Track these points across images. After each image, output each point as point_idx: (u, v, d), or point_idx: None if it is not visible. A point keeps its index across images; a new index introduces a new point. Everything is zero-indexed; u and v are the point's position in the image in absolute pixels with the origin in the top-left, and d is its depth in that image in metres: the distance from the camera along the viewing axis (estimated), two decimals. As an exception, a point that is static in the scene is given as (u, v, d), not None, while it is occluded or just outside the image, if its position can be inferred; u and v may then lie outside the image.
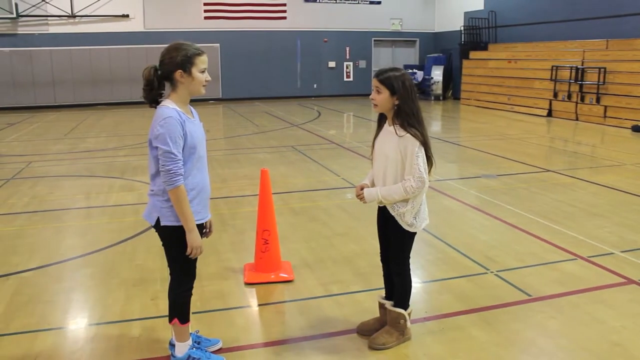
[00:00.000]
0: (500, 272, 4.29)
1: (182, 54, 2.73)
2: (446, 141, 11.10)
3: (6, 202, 6.65)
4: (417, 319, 3.56)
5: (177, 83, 2.76)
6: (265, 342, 3.30)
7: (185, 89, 2.77)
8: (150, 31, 19.17)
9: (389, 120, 3.10)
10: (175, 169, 2.65)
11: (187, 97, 2.81)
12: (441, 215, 5.95)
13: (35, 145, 11.17)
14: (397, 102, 2.96)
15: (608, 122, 13.09)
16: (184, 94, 2.79)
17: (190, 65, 2.74)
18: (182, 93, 2.78)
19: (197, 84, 2.78)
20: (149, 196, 2.87)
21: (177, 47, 2.77)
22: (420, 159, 2.94)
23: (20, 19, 17.90)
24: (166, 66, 2.74)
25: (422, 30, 22.40)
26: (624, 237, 5.04)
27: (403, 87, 2.94)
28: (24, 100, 18.36)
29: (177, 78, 2.74)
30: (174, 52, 2.75)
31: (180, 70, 2.72)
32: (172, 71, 2.73)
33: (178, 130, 2.66)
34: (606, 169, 8.16)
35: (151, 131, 2.71)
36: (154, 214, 2.82)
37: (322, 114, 16.12)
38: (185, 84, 2.76)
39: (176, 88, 2.77)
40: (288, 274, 4.26)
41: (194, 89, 2.79)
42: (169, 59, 2.74)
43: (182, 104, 2.80)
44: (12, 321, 3.58)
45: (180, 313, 2.98)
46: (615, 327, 3.38)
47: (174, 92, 2.78)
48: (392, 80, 2.94)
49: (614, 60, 13.37)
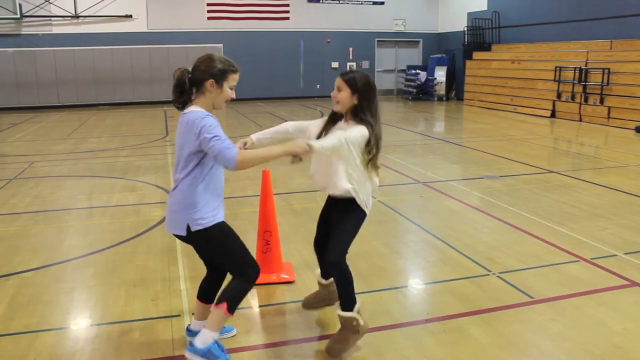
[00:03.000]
0: (502, 273, 4.27)
1: (220, 66, 2.80)
2: (449, 142, 11.08)
3: (8, 202, 6.66)
4: (419, 320, 3.55)
5: (205, 91, 2.81)
6: (266, 343, 3.30)
7: (211, 99, 2.83)
8: (153, 32, 19.21)
9: (345, 117, 3.19)
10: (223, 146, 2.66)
11: (210, 107, 2.86)
12: (443, 216, 5.94)
13: (38, 145, 11.19)
14: (356, 101, 3.07)
15: (611, 123, 13.05)
16: (208, 103, 2.84)
17: (223, 79, 2.81)
18: (207, 102, 2.83)
19: (223, 98, 2.85)
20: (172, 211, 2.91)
21: (214, 59, 2.83)
22: (358, 131, 2.98)
23: (24, 20, 17.95)
24: (200, 73, 2.79)
25: (425, 31, 22.37)
26: (627, 239, 5.02)
27: (363, 86, 3.08)
28: (27, 100, 18.41)
29: (207, 86, 2.79)
30: (213, 62, 2.80)
31: (212, 80, 2.78)
32: (204, 79, 2.78)
33: (218, 124, 2.74)
34: (609, 170, 8.13)
35: (186, 136, 2.74)
36: (181, 224, 2.85)
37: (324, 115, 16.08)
38: (213, 94, 2.82)
39: (203, 96, 2.82)
40: (289, 275, 4.25)
41: (219, 102, 2.85)
42: (205, 66, 2.79)
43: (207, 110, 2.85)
44: (13, 321, 3.57)
45: (233, 300, 2.91)
46: (618, 330, 3.36)
47: (199, 99, 2.83)
48: (355, 80, 3.08)
49: (617, 61, 13.33)
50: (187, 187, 2.84)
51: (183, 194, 2.84)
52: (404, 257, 4.81)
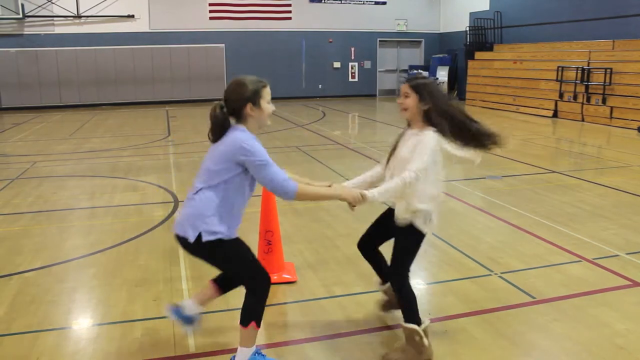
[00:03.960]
0: (504, 274, 4.26)
1: (250, 89, 2.77)
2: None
3: (10, 202, 6.67)
4: (420, 320, 3.54)
5: (246, 117, 2.79)
6: (267, 344, 3.29)
7: (255, 121, 2.82)
8: (155, 31, 19.22)
9: (412, 124, 3.20)
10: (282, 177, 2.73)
11: (255, 130, 2.84)
12: (445, 216, 5.92)
13: (40, 145, 11.20)
14: (424, 107, 3.07)
15: (614, 123, 13.02)
16: (253, 127, 2.83)
17: (258, 97, 2.79)
18: (251, 127, 2.82)
19: (265, 115, 2.84)
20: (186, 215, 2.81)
21: (243, 83, 2.80)
22: (422, 153, 3.05)
23: (26, 20, 17.97)
24: (234, 102, 2.78)
25: (427, 31, 22.35)
26: (630, 239, 5.01)
27: (431, 91, 3.07)
28: (29, 100, 18.43)
29: (247, 112, 2.78)
30: (241, 87, 2.78)
31: (250, 104, 2.77)
32: (241, 107, 2.77)
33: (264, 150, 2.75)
34: (612, 170, 8.11)
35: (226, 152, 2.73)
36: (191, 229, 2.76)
37: (327, 115, 16.11)
38: (254, 116, 2.80)
39: (245, 122, 2.81)
40: (291, 275, 4.24)
41: (263, 120, 2.85)
42: (237, 94, 2.77)
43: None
44: (15, 321, 3.58)
45: (257, 314, 2.87)
46: (620, 330, 3.36)
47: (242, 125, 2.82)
48: (421, 86, 3.06)
49: (620, 61, 13.30)
50: (207, 197, 2.76)
51: (202, 203, 2.76)
52: (406, 257, 4.80)
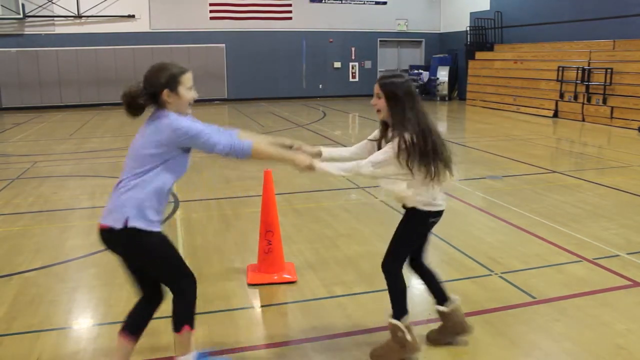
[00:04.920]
0: (504, 274, 4.26)
1: (167, 74, 2.66)
2: (451, 142, 11.05)
3: (11, 201, 6.67)
4: (421, 320, 3.54)
5: (164, 104, 2.67)
6: (267, 344, 3.29)
7: (173, 108, 2.68)
8: (155, 31, 19.22)
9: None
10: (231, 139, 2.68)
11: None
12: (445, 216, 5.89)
13: (41, 145, 11.21)
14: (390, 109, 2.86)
15: (614, 123, 13.01)
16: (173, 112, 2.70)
17: (176, 83, 2.66)
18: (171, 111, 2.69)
19: (184, 102, 2.70)
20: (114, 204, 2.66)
21: (161, 68, 2.69)
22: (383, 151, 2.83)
23: (27, 20, 17.98)
24: (151, 87, 2.65)
25: (428, 31, 22.34)
26: (630, 239, 5.00)
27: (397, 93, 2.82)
28: (30, 100, 18.44)
29: (164, 98, 2.65)
30: (159, 72, 2.67)
31: (167, 90, 2.64)
32: (158, 92, 2.65)
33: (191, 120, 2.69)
34: (612, 170, 8.10)
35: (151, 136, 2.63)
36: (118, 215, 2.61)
37: (327, 115, 16.11)
38: (172, 103, 2.67)
39: (164, 108, 2.68)
40: (291, 275, 4.24)
41: (182, 108, 2.71)
42: (154, 79, 2.66)
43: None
44: (15, 321, 3.58)
45: (189, 317, 2.82)
46: (621, 331, 3.35)
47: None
48: (388, 86, 2.85)
49: (620, 61, 13.29)
50: (135, 186, 2.62)
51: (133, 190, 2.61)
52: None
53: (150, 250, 2.68)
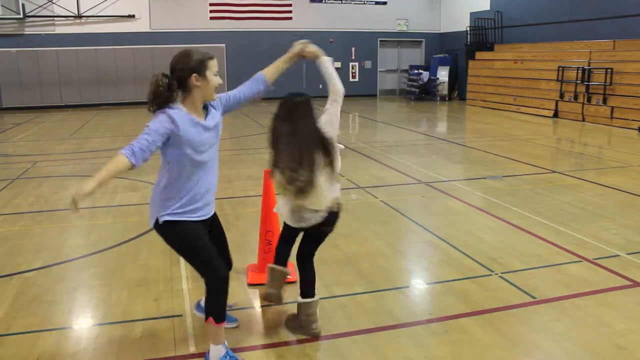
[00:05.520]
0: (504, 274, 4.26)
1: (195, 59, 2.76)
2: (451, 142, 11.06)
3: (11, 201, 6.67)
4: (421, 320, 3.55)
5: (192, 88, 2.77)
6: (267, 344, 3.30)
7: (200, 93, 2.80)
8: (156, 31, 19.22)
9: None
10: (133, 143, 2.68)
11: (200, 101, 2.85)
12: (446, 216, 5.93)
13: (41, 145, 11.21)
14: None
15: (615, 123, 13.01)
16: (198, 98, 2.82)
17: (204, 68, 2.77)
18: (196, 98, 2.81)
19: (211, 87, 2.82)
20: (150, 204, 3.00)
21: (188, 53, 2.79)
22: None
23: (27, 20, 17.97)
24: (180, 72, 2.75)
25: (428, 31, 22.34)
26: (630, 239, 5.00)
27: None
28: (30, 100, 18.43)
29: (192, 82, 2.75)
30: (186, 57, 2.77)
31: (195, 74, 2.74)
32: (186, 76, 2.74)
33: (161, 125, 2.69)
34: (612, 170, 8.10)
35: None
36: (152, 216, 2.92)
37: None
38: (200, 87, 2.78)
39: (190, 93, 2.79)
40: (291, 275, 4.23)
41: (209, 92, 2.84)
42: (182, 64, 2.75)
43: (193, 109, 2.82)
44: (15, 321, 3.58)
45: (216, 310, 2.92)
46: (621, 330, 3.35)
47: (187, 98, 2.80)
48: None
49: (620, 61, 13.29)
50: (157, 181, 2.91)
51: (154, 189, 2.92)
52: (407, 257, 4.81)
53: (177, 239, 2.88)
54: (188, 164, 2.80)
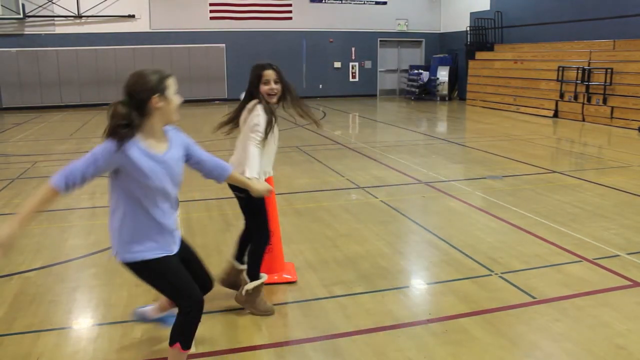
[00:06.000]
0: (504, 274, 4.26)
1: (153, 78, 2.54)
2: (451, 142, 11.06)
3: (11, 201, 6.67)
4: (421, 320, 3.54)
5: (152, 111, 2.52)
6: (267, 344, 3.29)
7: (162, 115, 2.56)
8: (156, 31, 19.22)
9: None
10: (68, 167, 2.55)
11: (160, 126, 2.59)
12: (445, 216, 5.93)
13: (41, 145, 11.21)
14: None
15: (615, 123, 13.01)
16: (158, 122, 2.57)
17: (164, 87, 2.54)
18: (156, 121, 2.56)
19: (172, 107, 2.58)
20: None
21: (143, 74, 2.56)
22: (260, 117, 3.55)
23: (27, 20, 17.97)
24: (139, 94, 2.50)
25: (428, 31, 22.34)
26: (630, 239, 5.00)
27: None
28: (30, 100, 18.43)
29: (153, 104, 2.51)
30: (143, 78, 2.54)
31: (156, 96, 2.51)
32: (147, 99, 2.50)
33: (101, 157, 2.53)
34: (613, 170, 8.10)
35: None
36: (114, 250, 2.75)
37: (327, 115, 16.11)
38: (162, 109, 2.54)
39: (150, 118, 2.54)
40: (291, 275, 4.24)
41: (170, 113, 2.59)
42: (140, 86, 2.52)
43: (151, 135, 2.56)
44: (15, 321, 3.58)
45: (184, 336, 2.74)
46: (621, 331, 3.35)
47: (145, 123, 2.55)
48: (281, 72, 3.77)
49: (621, 61, 13.29)
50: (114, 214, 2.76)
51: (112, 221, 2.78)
52: (407, 257, 4.81)
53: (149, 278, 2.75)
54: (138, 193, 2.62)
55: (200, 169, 2.86)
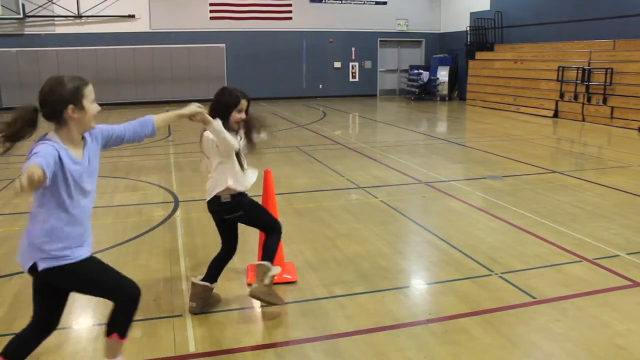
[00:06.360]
0: (504, 274, 4.26)
1: (69, 87, 2.45)
2: (451, 142, 11.06)
3: (11, 201, 6.67)
4: (421, 320, 3.54)
5: (67, 120, 2.47)
6: (267, 344, 3.29)
7: (77, 125, 2.50)
8: (156, 32, 19.22)
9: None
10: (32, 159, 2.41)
11: (78, 134, 2.55)
12: (445, 216, 5.93)
13: (41, 145, 11.19)
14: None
15: (615, 123, 13.01)
16: (75, 131, 2.52)
17: (80, 97, 2.47)
18: (73, 130, 2.51)
19: (89, 117, 2.53)
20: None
21: (60, 82, 2.46)
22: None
23: (27, 20, 17.98)
24: (53, 104, 2.44)
25: (428, 31, 22.34)
26: (630, 239, 5.00)
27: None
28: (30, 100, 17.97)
29: (68, 114, 2.45)
30: (59, 87, 2.45)
31: (71, 106, 2.44)
32: (61, 109, 2.44)
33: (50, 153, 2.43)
34: (612, 170, 8.10)
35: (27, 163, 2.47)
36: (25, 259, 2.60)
37: (327, 115, 16.11)
38: (77, 119, 2.48)
39: (66, 126, 2.49)
40: (291, 275, 4.24)
41: (87, 122, 2.53)
42: (54, 96, 2.44)
43: (69, 141, 2.52)
44: (15, 321, 3.57)
45: (121, 326, 2.73)
46: (621, 331, 3.35)
47: (60, 131, 2.51)
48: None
49: (621, 61, 13.29)
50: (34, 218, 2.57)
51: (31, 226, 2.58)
52: (407, 257, 4.81)
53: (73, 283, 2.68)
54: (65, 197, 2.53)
55: (127, 139, 2.92)
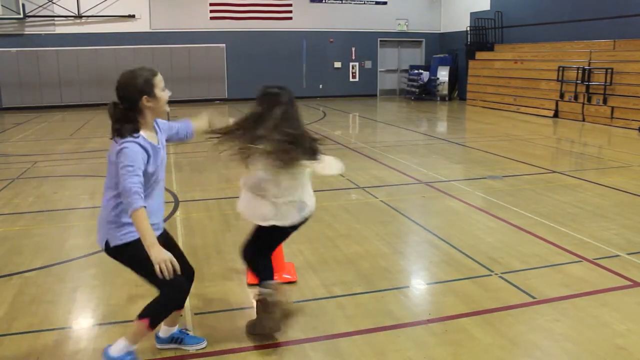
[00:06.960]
0: (504, 274, 4.26)
1: (141, 80, 2.72)
2: (451, 142, 11.06)
3: (11, 201, 6.67)
4: (421, 320, 3.54)
5: (143, 110, 2.76)
6: (267, 344, 3.29)
7: (152, 112, 2.80)
8: (156, 31, 19.21)
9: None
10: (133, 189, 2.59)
11: (152, 120, 2.85)
12: (445, 216, 5.93)
13: (41, 145, 11.21)
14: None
15: (615, 123, 13.01)
16: (150, 118, 2.82)
17: (152, 87, 2.74)
18: (149, 118, 2.81)
19: (162, 104, 2.81)
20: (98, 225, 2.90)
21: (132, 75, 2.74)
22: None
23: (27, 20, 17.97)
24: (129, 97, 2.73)
25: (428, 31, 22.34)
26: (630, 239, 5.00)
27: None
28: (30, 100, 18.43)
29: (143, 104, 2.74)
30: (132, 80, 2.73)
31: (145, 96, 2.72)
32: (137, 100, 2.72)
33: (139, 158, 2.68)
34: (613, 170, 8.10)
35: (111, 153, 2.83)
36: (101, 239, 2.86)
37: (327, 115, 16.11)
38: (151, 107, 2.77)
39: (142, 115, 2.78)
40: (291, 275, 4.24)
41: (160, 109, 2.82)
42: (129, 89, 2.72)
43: (147, 129, 2.81)
44: (15, 321, 3.58)
45: (155, 317, 2.84)
46: (621, 331, 3.35)
47: (140, 120, 2.79)
48: None
49: (621, 61, 13.29)
50: (109, 203, 2.81)
51: (105, 210, 2.82)
52: (407, 257, 4.81)
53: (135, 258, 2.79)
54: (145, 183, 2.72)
55: (177, 137, 3.20)
